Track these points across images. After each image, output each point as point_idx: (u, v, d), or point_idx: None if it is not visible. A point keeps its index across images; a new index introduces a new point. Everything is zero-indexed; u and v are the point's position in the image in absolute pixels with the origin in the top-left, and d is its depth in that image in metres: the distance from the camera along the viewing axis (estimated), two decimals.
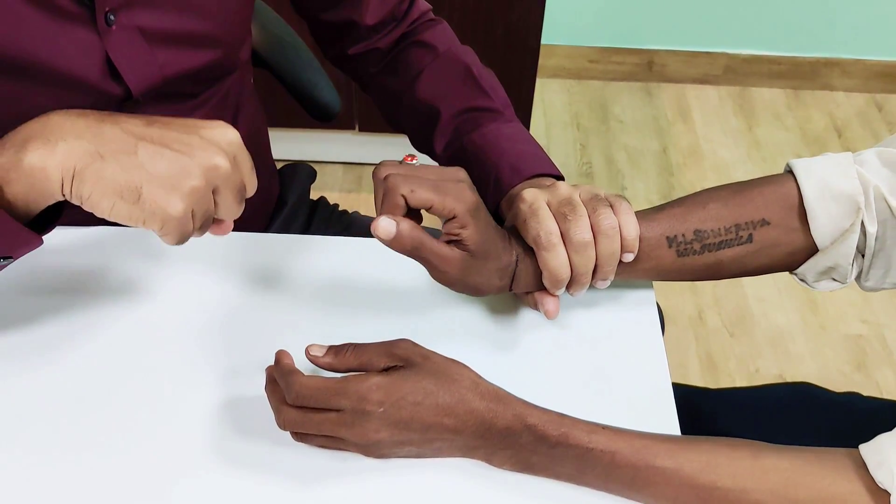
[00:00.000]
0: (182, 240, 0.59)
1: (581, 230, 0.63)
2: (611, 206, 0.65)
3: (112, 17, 0.66)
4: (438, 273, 0.63)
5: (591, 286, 0.67)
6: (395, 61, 0.88)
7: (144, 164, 0.57)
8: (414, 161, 0.64)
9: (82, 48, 0.66)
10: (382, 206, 0.61)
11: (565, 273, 0.64)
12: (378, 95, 0.92)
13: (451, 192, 0.61)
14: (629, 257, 0.65)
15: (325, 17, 0.86)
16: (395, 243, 0.60)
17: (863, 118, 2.25)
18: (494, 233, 0.64)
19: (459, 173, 0.63)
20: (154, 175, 0.57)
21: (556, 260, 0.63)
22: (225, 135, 0.60)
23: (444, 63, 0.86)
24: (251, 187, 0.62)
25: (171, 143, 0.58)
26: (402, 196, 0.59)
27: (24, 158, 0.55)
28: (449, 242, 0.62)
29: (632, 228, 0.65)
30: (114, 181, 0.56)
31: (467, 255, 0.62)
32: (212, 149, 0.58)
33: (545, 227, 0.63)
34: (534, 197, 0.65)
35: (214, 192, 0.59)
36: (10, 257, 0.61)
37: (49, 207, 0.59)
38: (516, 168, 0.76)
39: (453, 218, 0.61)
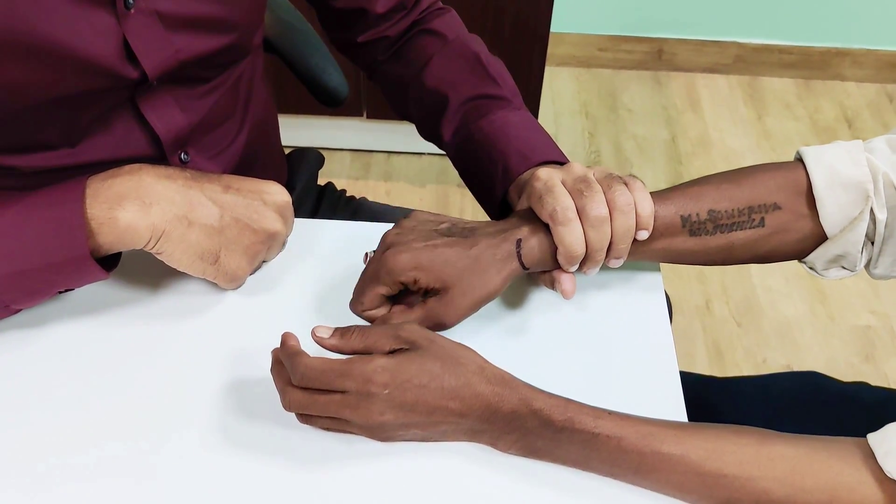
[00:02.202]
0: (237, 288, 0.72)
1: (597, 205, 0.63)
2: (625, 185, 0.65)
3: (131, 1, 0.66)
4: (442, 325, 0.65)
5: (604, 265, 0.67)
6: (403, 49, 0.88)
7: (223, 232, 0.66)
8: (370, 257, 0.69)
9: (101, 31, 0.66)
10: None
11: (581, 249, 0.64)
12: (385, 83, 0.92)
13: (383, 272, 0.65)
14: (644, 235, 0.65)
15: (336, 4, 0.86)
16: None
17: (873, 108, 2.24)
18: (456, 253, 0.65)
19: (386, 238, 0.67)
20: (230, 241, 0.67)
21: (571, 235, 0.63)
22: (281, 198, 0.70)
23: (452, 51, 0.86)
24: (289, 234, 0.73)
25: (243, 212, 0.67)
26: (365, 312, 0.67)
27: (119, 216, 0.62)
28: (426, 294, 0.66)
29: (647, 205, 0.65)
30: (198, 245, 0.65)
31: (440, 295, 0.65)
32: (273, 216, 0.69)
33: (561, 202, 0.64)
34: (549, 175, 0.66)
35: (268, 247, 0.71)
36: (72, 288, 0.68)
37: None
38: (525, 155, 0.76)
39: (404, 282, 0.65)
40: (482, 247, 0.65)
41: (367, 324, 0.65)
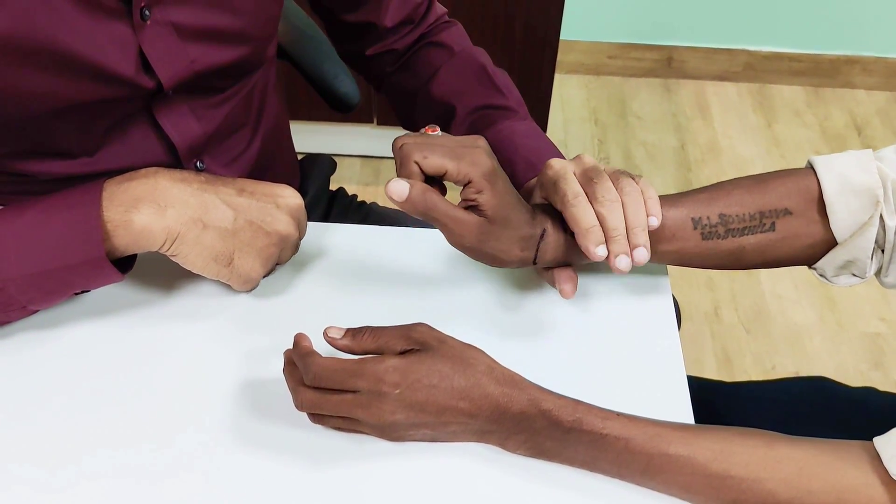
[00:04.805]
0: (251, 290, 0.72)
1: (606, 190, 0.64)
2: (631, 178, 0.66)
3: (147, 13, 0.67)
4: (455, 238, 0.64)
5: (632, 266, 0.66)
6: (410, 61, 0.89)
7: (237, 234, 0.67)
8: (435, 132, 0.65)
9: (117, 42, 0.67)
10: (398, 174, 0.62)
11: (593, 220, 0.63)
12: (393, 94, 0.93)
13: (466, 157, 0.62)
14: (654, 222, 0.64)
15: (345, 18, 0.87)
16: (408, 205, 0.61)
17: (883, 116, 2.24)
18: (515, 200, 0.65)
19: (477, 140, 0.64)
20: (243, 243, 0.68)
21: (583, 211, 0.63)
22: (294, 202, 0.70)
23: (459, 62, 0.87)
24: (303, 237, 0.73)
25: (257, 215, 0.68)
26: (416, 163, 0.61)
27: (134, 219, 0.63)
28: (467, 209, 0.63)
29: (652, 193, 0.66)
30: (212, 248, 0.66)
31: (484, 220, 0.63)
32: (286, 219, 0.69)
33: (572, 188, 0.64)
34: (560, 164, 0.66)
35: (281, 249, 0.71)
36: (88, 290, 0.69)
37: None
38: (531, 163, 0.77)
39: (469, 183, 0.62)
40: (525, 218, 0.66)
41: (378, 324, 0.66)
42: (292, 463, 0.62)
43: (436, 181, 0.63)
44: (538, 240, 0.66)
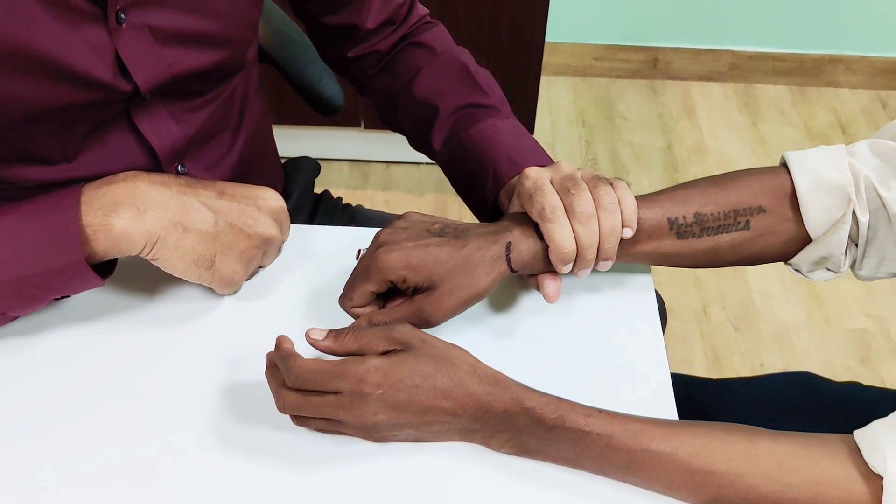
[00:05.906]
0: (234, 293, 0.73)
1: (584, 202, 0.64)
2: (610, 185, 0.66)
3: (123, 16, 0.67)
4: (424, 325, 0.66)
5: (594, 269, 0.68)
6: (392, 62, 0.89)
7: (218, 237, 0.67)
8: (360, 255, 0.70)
9: (93, 46, 0.67)
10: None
11: (571, 244, 0.65)
12: (375, 96, 0.93)
13: (372, 268, 0.66)
14: (629, 233, 0.66)
15: (327, 20, 0.87)
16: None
17: (867, 115, 2.25)
18: (449, 250, 0.66)
19: (376, 239, 0.68)
20: (225, 246, 0.68)
21: (560, 231, 0.64)
22: (276, 204, 0.72)
23: (441, 62, 0.87)
24: (285, 240, 0.75)
25: (238, 217, 0.69)
26: (354, 308, 0.68)
27: (113, 223, 0.63)
28: (415, 292, 0.66)
29: (630, 203, 0.66)
30: (192, 251, 0.66)
31: (427, 293, 0.65)
32: (267, 221, 0.70)
33: (549, 200, 0.65)
34: (537, 174, 0.67)
35: (263, 252, 0.72)
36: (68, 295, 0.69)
37: None
38: (514, 161, 0.77)
39: (392, 282, 0.66)
40: (472, 247, 0.66)
41: (360, 324, 0.66)
42: (276, 465, 0.62)
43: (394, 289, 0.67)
44: (506, 253, 0.66)
